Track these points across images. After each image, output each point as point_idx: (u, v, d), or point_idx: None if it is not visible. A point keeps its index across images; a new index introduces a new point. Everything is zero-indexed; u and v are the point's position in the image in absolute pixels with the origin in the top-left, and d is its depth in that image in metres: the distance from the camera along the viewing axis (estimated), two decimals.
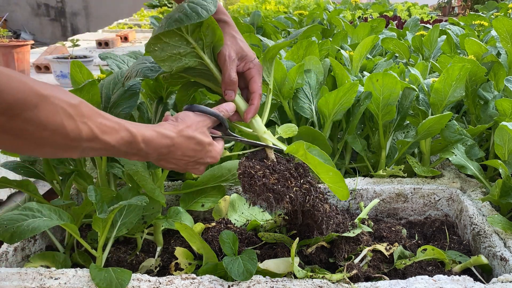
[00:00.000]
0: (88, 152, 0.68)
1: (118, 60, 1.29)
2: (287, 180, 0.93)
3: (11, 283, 0.87)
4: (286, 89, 1.38)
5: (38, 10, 10.69)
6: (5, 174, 1.34)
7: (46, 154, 0.66)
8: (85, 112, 0.65)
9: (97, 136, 0.66)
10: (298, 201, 0.93)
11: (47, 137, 0.61)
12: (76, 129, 0.63)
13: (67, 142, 0.63)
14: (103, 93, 1.13)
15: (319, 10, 3.34)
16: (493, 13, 3.63)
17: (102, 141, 0.68)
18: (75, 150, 0.66)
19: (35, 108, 0.57)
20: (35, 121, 0.58)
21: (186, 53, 0.95)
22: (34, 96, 0.57)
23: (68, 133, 0.62)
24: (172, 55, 0.95)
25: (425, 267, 1.05)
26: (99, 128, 0.66)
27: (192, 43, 0.94)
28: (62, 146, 0.63)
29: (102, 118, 0.68)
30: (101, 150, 0.69)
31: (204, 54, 0.97)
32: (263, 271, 0.94)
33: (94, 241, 1.11)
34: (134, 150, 0.75)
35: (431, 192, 1.33)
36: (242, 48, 0.99)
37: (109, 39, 4.62)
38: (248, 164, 0.94)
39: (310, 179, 0.98)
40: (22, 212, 0.89)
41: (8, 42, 2.93)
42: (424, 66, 1.72)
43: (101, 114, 0.68)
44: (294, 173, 0.96)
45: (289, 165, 0.98)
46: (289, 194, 0.91)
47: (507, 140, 1.20)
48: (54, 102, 0.60)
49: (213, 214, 1.23)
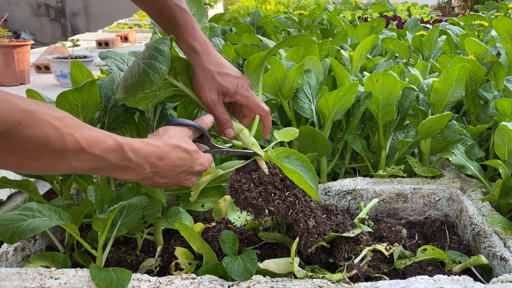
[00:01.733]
0: (76, 165, 0.67)
1: (118, 59, 1.29)
2: (269, 194, 0.94)
3: (11, 283, 0.87)
4: (286, 89, 1.38)
5: (38, 10, 10.68)
6: (5, 174, 1.34)
7: (33, 169, 0.64)
8: (71, 124, 0.64)
9: (83, 147, 0.65)
10: (280, 214, 0.94)
11: (33, 150, 0.60)
12: (61, 141, 0.62)
13: (53, 155, 0.62)
14: (102, 93, 1.13)
15: (319, 10, 3.35)
16: (493, 13, 3.63)
17: (89, 154, 0.67)
18: (61, 163, 0.64)
19: (19, 125, 0.57)
20: (20, 136, 0.58)
21: (159, 87, 0.93)
22: (17, 113, 0.57)
23: (53, 144, 0.61)
24: (145, 95, 0.92)
25: (425, 267, 1.05)
26: (85, 140, 0.66)
27: None
28: (48, 160, 0.63)
29: (88, 130, 0.67)
30: (89, 162, 0.68)
31: (178, 82, 0.96)
32: (263, 271, 0.94)
33: (94, 241, 1.11)
34: (123, 161, 0.73)
35: (431, 192, 1.33)
36: (220, 83, 0.94)
37: (109, 39, 4.62)
38: (235, 177, 0.95)
39: (296, 191, 0.97)
40: (22, 212, 0.89)
41: (8, 42, 2.93)
42: (424, 66, 1.72)
43: (86, 126, 0.67)
44: (279, 185, 0.96)
45: (276, 177, 0.97)
46: (268, 207, 0.92)
47: (507, 140, 1.20)
48: (39, 116, 0.60)
49: (213, 214, 1.23)
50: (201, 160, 0.89)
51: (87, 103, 1.04)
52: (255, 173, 0.96)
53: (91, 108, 1.05)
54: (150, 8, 0.96)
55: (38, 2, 10.63)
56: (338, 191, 1.32)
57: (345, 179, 1.37)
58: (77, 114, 1.05)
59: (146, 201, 0.95)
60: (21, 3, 10.53)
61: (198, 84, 0.96)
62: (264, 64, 1.04)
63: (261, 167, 0.98)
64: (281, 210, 0.93)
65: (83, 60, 2.92)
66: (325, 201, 1.32)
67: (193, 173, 0.88)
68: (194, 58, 0.95)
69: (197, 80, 0.95)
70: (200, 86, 0.95)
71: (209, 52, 0.96)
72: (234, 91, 0.96)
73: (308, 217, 0.97)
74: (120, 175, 0.77)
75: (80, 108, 1.04)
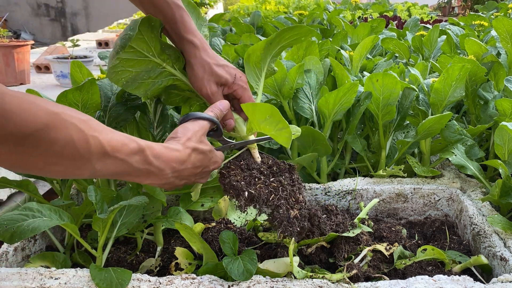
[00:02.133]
0: (100, 169, 0.67)
1: None
2: (253, 178, 0.93)
3: (11, 283, 0.87)
4: (286, 89, 1.38)
5: (38, 10, 10.68)
6: (5, 174, 1.34)
7: (57, 173, 0.65)
8: (95, 127, 0.65)
9: (107, 151, 0.66)
10: (261, 198, 0.91)
11: (58, 153, 0.61)
12: (86, 144, 0.63)
13: (77, 157, 0.63)
14: (102, 93, 1.13)
15: (319, 10, 3.35)
16: (493, 13, 3.63)
17: (113, 157, 0.67)
18: (85, 167, 0.65)
19: (45, 127, 0.58)
20: (46, 138, 0.59)
21: (157, 75, 0.96)
22: (44, 115, 0.58)
23: (78, 147, 0.62)
24: (143, 81, 0.95)
25: (425, 267, 1.05)
26: (109, 143, 0.66)
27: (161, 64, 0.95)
28: (72, 163, 0.63)
29: (111, 133, 0.68)
30: (112, 165, 0.68)
31: (175, 70, 0.98)
32: (263, 271, 0.94)
33: (94, 241, 1.11)
34: (145, 165, 0.74)
35: (431, 192, 1.33)
36: (218, 74, 0.96)
37: (109, 39, 4.62)
38: (226, 165, 0.97)
39: (282, 179, 0.95)
40: (22, 212, 0.89)
41: (8, 42, 2.93)
42: (424, 66, 1.72)
43: (110, 130, 0.68)
44: (265, 171, 0.96)
45: (265, 165, 0.97)
46: (248, 190, 0.91)
47: (507, 140, 1.20)
48: (65, 119, 0.61)
49: (213, 214, 1.23)
50: (215, 158, 0.91)
51: (87, 102, 1.04)
52: (245, 160, 0.97)
53: (91, 108, 1.05)
54: (148, 7, 0.97)
55: (38, 2, 10.63)
56: (338, 191, 1.32)
57: (345, 179, 1.37)
58: None
59: (146, 201, 0.95)
60: (21, 3, 10.53)
61: (196, 76, 0.96)
62: (267, 62, 1.04)
63: (253, 156, 0.98)
64: (263, 194, 0.92)
65: (83, 60, 2.92)
66: (325, 201, 1.33)
67: (208, 172, 0.91)
68: (192, 52, 0.96)
69: (196, 73, 0.96)
70: (199, 78, 0.96)
71: (207, 48, 0.98)
72: (232, 81, 0.97)
73: (291, 207, 0.94)
74: (143, 179, 0.77)
75: (80, 108, 1.04)
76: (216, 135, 0.95)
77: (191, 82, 0.99)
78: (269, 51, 1.01)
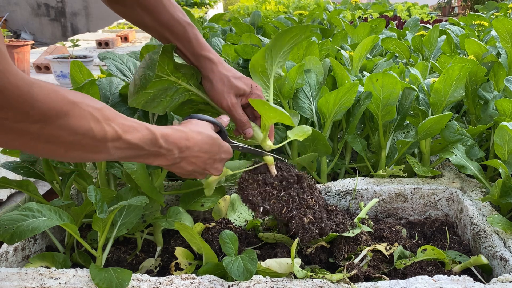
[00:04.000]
0: (114, 153, 0.72)
1: (117, 60, 1.28)
2: (268, 194, 1.02)
3: (11, 283, 0.87)
4: (286, 89, 1.38)
5: (38, 10, 10.68)
6: (5, 174, 1.34)
7: (76, 158, 0.70)
8: (109, 114, 0.69)
9: (120, 135, 0.70)
10: (275, 212, 1.01)
11: (77, 141, 0.65)
12: (102, 131, 0.67)
13: (95, 144, 0.67)
14: (101, 93, 1.13)
15: (319, 10, 3.34)
16: (493, 13, 3.63)
17: (126, 141, 0.72)
18: (102, 151, 0.70)
19: (66, 115, 0.62)
20: (67, 126, 0.62)
21: (174, 92, 1.01)
22: (65, 104, 0.62)
23: (95, 135, 0.66)
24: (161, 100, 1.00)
25: (425, 267, 1.05)
26: (122, 128, 0.71)
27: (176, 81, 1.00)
28: (90, 149, 0.68)
29: (123, 119, 0.72)
30: (126, 149, 0.73)
31: (191, 86, 1.03)
32: (264, 271, 0.94)
33: (94, 241, 1.11)
34: (155, 148, 0.78)
35: (431, 192, 1.33)
36: (237, 86, 1.01)
37: (109, 39, 4.62)
38: (244, 177, 1.05)
39: (292, 192, 1.03)
40: (22, 212, 0.89)
41: (8, 42, 2.93)
42: (424, 66, 1.72)
43: (122, 116, 0.73)
44: (277, 186, 1.04)
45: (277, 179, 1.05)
46: (263, 205, 1.01)
47: (507, 140, 1.20)
48: (82, 108, 0.64)
49: (213, 214, 1.23)
50: (225, 147, 0.94)
51: None
52: (262, 175, 1.04)
53: None
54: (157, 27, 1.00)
55: (38, 2, 10.63)
56: (338, 191, 1.32)
57: (345, 179, 1.37)
58: None
59: (146, 201, 0.95)
60: (21, 3, 10.53)
61: (216, 90, 1.01)
62: (273, 69, 1.07)
63: (270, 171, 1.05)
64: (276, 208, 1.01)
65: (83, 60, 2.92)
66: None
67: (219, 160, 0.93)
68: (210, 67, 1.01)
69: (215, 87, 1.01)
70: (219, 91, 1.00)
71: (223, 62, 1.03)
72: (250, 91, 1.02)
73: (303, 214, 1.01)
74: (152, 161, 0.81)
75: None
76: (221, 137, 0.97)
77: (211, 96, 1.03)
78: (272, 58, 1.04)
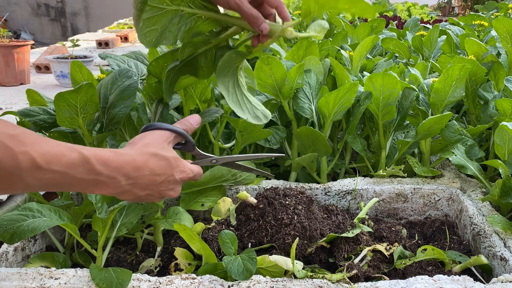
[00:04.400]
0: (35, 183, 0.62)
1: (119, 59, 1.29)
2: (252, 228, 1.12)
3: (11, 283, 0.87)
4: (286, 89, 1.38)
5: (38, 10, 10.68)
6: None
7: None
8: (26, 140, 0.60)
9: (39, 165, 0.61)
10: (261, 241, 1.09)
11: None
12: (14, 161, 0.58)
13: (5, 175, 0.59)
14: (101, 93, 1.13)
15: None
16: (493, 13, 3.64)
17: (49, 170, 0.62)
18: (17, 182, 0.60)
19: None
20: None
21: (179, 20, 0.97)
22: None
23: (4, 165, 0.58)
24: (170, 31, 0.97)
25: (425, 267, 1.05)
26: (43, 156, 0.61)
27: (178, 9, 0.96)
28: (2, 180, 0.59)
29: (46, 145, 0.62)
30: (50, 179, 0.63)
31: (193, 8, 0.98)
32: (263, 271, 0.94)
33: (94, 242, 1.11)
34: (92, 175, 0.68)
35: (431, 192, 1.33)
36: None
37: (109, 39, 4.63)
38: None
39: (266, 217, 1.11)
40: (22, 212, 0.89)
41: (8, 42, 2.93)
42: (424, 66, 1.72)
43: (45, 141, 0.63)
44: (255, 217, 1.13)
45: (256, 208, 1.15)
46: (250, 241, 1.10)
47: (507, 140, 1.20)
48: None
49: (212, 215, 1.23)
50: (182, 167, 0.84)
51: (86, 104, 1.04)
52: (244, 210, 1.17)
53: (90, 109, 1.05)
54: None
55: (38, 2, 10.63)
56: (338, 191, 1.32)
57: (345, 179, 1.37)
58: (76, 115, 1.05)
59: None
60: (21, 3, 10.53)
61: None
62: None
63: (250, 202, 1.15)
64: (260, 238, 1.10)
65: (83, 60, 2.92)
66: (325, 201, 1.32)
67: (174, 181, 0.83)
68: None
69: None
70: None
71: None
72: None
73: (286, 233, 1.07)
74: (92, 190, 0.71)
75: (79, 109, 1.04)
76: (186, 148, 0.91)
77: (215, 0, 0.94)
78: None
